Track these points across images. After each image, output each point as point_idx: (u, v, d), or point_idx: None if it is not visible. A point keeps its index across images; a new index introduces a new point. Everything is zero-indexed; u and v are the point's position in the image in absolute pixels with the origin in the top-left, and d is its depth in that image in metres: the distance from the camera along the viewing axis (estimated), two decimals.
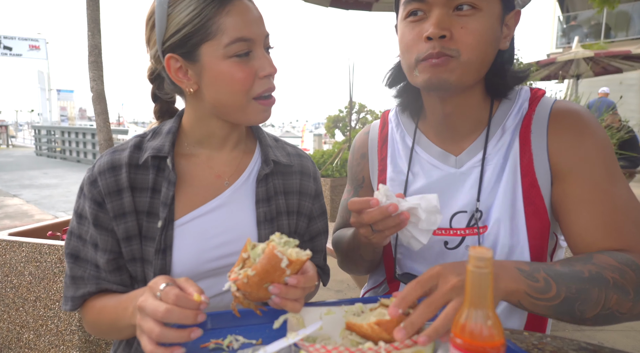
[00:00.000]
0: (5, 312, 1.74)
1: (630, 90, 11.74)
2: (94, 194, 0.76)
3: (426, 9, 0.76)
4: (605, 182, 0.75)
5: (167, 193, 0.77)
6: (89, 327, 0.79)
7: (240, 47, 0.73)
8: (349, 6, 3.64)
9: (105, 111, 2.65)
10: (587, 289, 0.65)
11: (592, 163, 0.76)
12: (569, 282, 0.65)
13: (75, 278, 0.78)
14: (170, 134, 0.81)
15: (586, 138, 0.77)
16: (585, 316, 0.66)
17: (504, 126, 0.84)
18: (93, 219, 0.76)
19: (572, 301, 0.65)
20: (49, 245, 1.66)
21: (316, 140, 13.40)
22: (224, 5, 0.72)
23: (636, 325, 2.45)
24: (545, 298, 0.63)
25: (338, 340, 0.62)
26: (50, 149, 14.92)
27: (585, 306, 0.65)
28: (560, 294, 0.64)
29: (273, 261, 0.59)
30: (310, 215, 0.93)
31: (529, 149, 0.80)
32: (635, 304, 0.66)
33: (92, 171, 0.78)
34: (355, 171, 1.05)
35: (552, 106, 0.81)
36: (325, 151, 4.77)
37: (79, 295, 0.77)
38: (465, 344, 0.43)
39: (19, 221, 5.08)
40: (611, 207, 0.73)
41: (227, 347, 0.62)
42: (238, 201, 0.84)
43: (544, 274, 0.64)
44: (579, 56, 7.30)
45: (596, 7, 7.08)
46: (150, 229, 0.77)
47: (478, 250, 0.43)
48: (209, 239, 0.80)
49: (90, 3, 2.55)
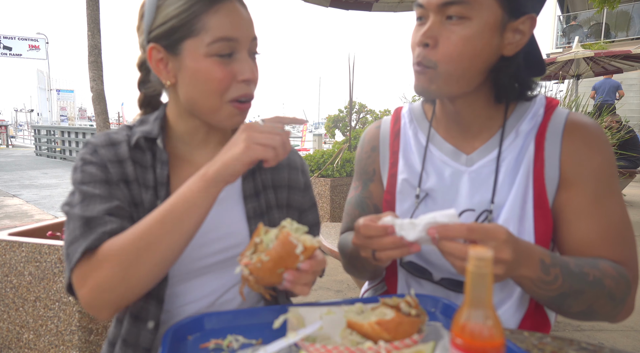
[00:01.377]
0: (5, 312, 1.74)
1: (630, 90, 11.74)
2: (98, 158, 0.75)
3: (425, 15, 0.78)
4: (606, 197, 0.79)
5: (162, 173, 0.78)
6: (107, 268, 0.63)
7: (223, 47, 0.72)
8: (349, 6, 3.64)
9: (105, 111, 2.65)
10: (585, 291, 0.71)
11: (598, 178, 0.79)
12: (573, 282, 0.71)
13: (89, 220, 0.67)
14: (158, 120, 0.82)
15: (598, 152, 0.80)
16: (570, 310, 0.74)
17: (517, 129, 0.85)
18: (105, 177, 0.73)
19: (567, 296, 0.71)
20: (48, 245, 1.65)
21: (316, 140, 13.40)
22: (212, 4, 0.72)
23: (636, 325, 2.45)
24: (546, 288, 0.70)
25: (338, 340, 0.62)
26: (50, 149, 14.92)
27: (574, 303, 0.73)
28: (560, 289, 0.70)
29: (288, 248, 0.62)
30: (301, 208, 0.94)
31: (541, 155, 0.82)
32: (614, 308, 0.75)
33: (89, 145, 0.78)
34: (366, 163, 1.04)
35: (568, 117, 0.83)
36: (325, 151, 4.76)
37: (97, 233, 0.66)
38: (465, 344, 0.43)
39: (19, 221, 5.09)
40: (608, 222, 0.78)
41: (227, 347, 0.63)
42: (225, 198, 0.84)
43: (557, 270, 0.70)
44: (579, 56, 7.29)
45: (596, 7, 7.08)
46: (153, 205, 0.77)
47: (478, 250, 0.43)
48: (201, 235, 0.79)
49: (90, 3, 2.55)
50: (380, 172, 1.00)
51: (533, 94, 0.86)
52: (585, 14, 14.67)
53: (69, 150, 13.56)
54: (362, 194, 1.02)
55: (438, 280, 0.88)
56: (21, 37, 23.55)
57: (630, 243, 0.79)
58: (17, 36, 23.44)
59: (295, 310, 0.69)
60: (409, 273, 0.93)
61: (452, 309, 0.73)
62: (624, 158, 5.65)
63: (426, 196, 0.90)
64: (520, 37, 0.78)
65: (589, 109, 4.10)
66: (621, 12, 13.35)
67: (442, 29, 0.75)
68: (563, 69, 8.27)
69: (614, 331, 2.39)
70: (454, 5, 0.73)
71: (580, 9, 15.27)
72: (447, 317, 0.73)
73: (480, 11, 0.73)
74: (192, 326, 0.68)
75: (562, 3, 15.82)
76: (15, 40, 23.34)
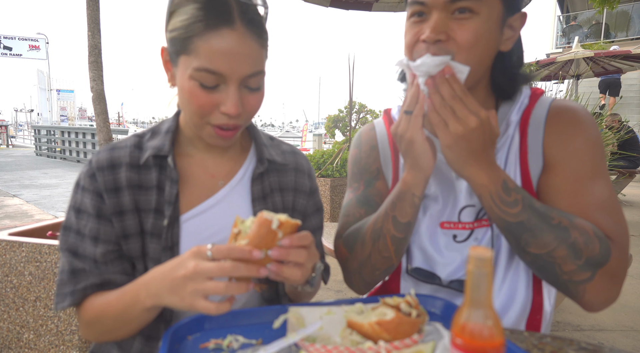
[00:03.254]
0: (5, 312, 1.74)
1: (630, 90, 11.74)
2: (94, 186, 0.76)
3: (427, 11, 0.77)
4: (586, 178, 0.78)
5: (170, 191, 0.78)
6: (87, 329, 0.75)
7: (206, 78, 0.69)
8: (349, 6, 3.64)
9: (105, 111, 2.65)
10: (544, 230, 0.71)
11: (579, 158, 0.78)
12: (533, 216, 0.72)
13: (75, 271, 0.75)
14: (170, 134, 0.82)
15: (579, 133, 0.79)
16: (528, 249, 0.73)
17: (507, 121, 0.86)
18: (96, 211, 0.76)
19: (524, 229, 0.72)
20: (49, 245, 1.65)
21: (316, 140, 13.40)
22: (209, 30, 0.67)
23: (636, 325, 2.45)
24: (504, 210, 0.73)
25: (338, 340, 0.62)
26: (50, 149, 14.92)
27: (532, 241, 0.72)
28: (518, 216, 0.72)
29: (264, 226, 0.60)
30: (305, 212, 0.93)
31: (525, 142, 0.83)
32: (578, 270, 0.71)
33: (90, 165, 0.78)
34: (367, 162, 1.00)
35: (551, 103, 0.84)
36: (325, 151, 4.76)
37: (80, 288, 0.74)
38: (465, 344, 0.44)
39: (19, 221, 5.08)
40: (586, 201, 0.76)
41: (227, 347, 0.62)
42: (234, 200, 0.84)
43: (519, 196, 0.72)
44: (579, 56, 7.29)
45: (596, 7, 7.07)
46: (157, 226, 0.77)
47: (478, 250, 0.43)
48: (208, 237, 0.80)
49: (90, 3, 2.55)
50: (383, 170, 0.99)
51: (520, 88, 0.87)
52: (585, 14, 14.67)
53: (69, 150, 13.55)
54: (367, 192, 0.98)
55: (447, 283, 0.87)
56: (21, 37, 23.54)
57: (617, 219, 0.75)
58: (17, 36, 23.44)
59: (295, 310, 0.69)
60: (418, 280, 0.91)
61: (452, 309, 0.73)
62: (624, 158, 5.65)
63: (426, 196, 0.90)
64: (513, 33, 0.81)
65: (589, 109, 4.10)
66: (621, 12, 13.35)
67: (451, 23, 0.74)
68: (563, 69, 8.27)
69: (613, 331, 2.39)
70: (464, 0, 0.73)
71: (580, 9, 15.27)
72: (447, 317, 0.73)
73: (487, 7, 0.74)
74: (192, 326, 0.68)
75: (562, 3, 15.83)
76: (15, 40, 23.34)
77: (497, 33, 0.78)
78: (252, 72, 0.71)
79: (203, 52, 0.68)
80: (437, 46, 0.75)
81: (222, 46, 0.67)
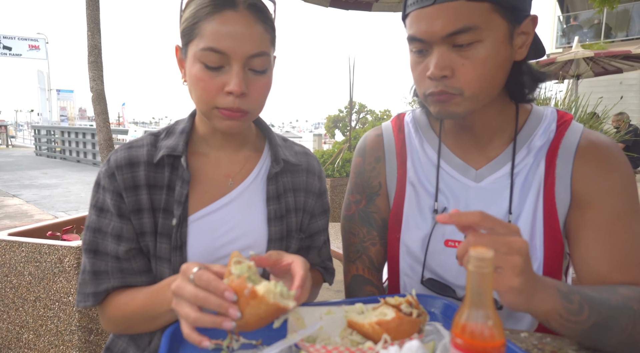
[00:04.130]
0: (5, 312, 1.74)
1: (630, 90, 11.75)
2: (114, 186, 0.77)
3: (427, 48, 0.75)
4: (627, 216, 0.75)
5: (181, 191, 0.79)
6: (112, 323, 0.78)
7: (210, 58, 0.71)
8: (349, 6, 3.64)
9: (105, 111, 2.65)
10: (616, 316, 0.65)
11: (616, 196, 0.77)
12: (599, 308, 0.65)
13: (97, 272, 0.77)
14: (184, 134, 0.83)
15: (613, 171, 0.78)
16: (611, 342, 0.66)
17: (529, 145, 0.83)
18: (117, 210, 0.77)
19: (601, 327, 0.65)
20: (48, 245, 1.65)
21: (316, 140, 13.39)
22: (213, 12, 0.71)
23: None
24: (576, 320, 0.63)
25: (338, 340, 0.62)
26: (50, 149, 14.92)
27: (613, 333, 0.65)
28: (590, 318, 0.64)
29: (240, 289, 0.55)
30: (312, 213, 0.94)
31: (552, 174, 0.81)
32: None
33: (109, 164, 0.79)
34: (369, 176, 0.97)
35: (582, 135, 0.81)
36: (325, 151, 4.77)
37: (101, 289, 0.77)
38: (465, 344, 0.43)
39: (19, 221, 5.08)
40: (629, 241, 0.74)
41: (227, 347, 0.62)
42: (247, 199, 0.85)
43: (578, 297, 0.64)
44: (579, 56, 7.28)
45: (596, 7, 7.08)
46: (166, 226, 0.78)
47: (478, 250, 0.43)
48: (219, 237, 0.81)
49: (90, 3, 2.55)
50: (386, 185, 0.95)
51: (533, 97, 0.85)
52: (585, 14, 14.66)
53: (69, 150, 13.55)
54: (367, 209, 0.96)
55: (461, 297, 0.85)
56: (21, 37, 23.52)
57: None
58: (17, 36, 23.42)
59: (296, 310, 0.69)
60: (432, 291, 0.88)
61: (452, 309, 0.73)
62: None
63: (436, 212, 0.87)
64: (527, 38, 0.77)
65: (589, 109, 4.09)
66: (621, 12, 13.35)
67: (454, 57, 0.72)
68: (563, 69, 8.26)
69: None
70: (463, 34, 0.70)
71: (580, 9, 15.26)
72: (447, 317, 0.73)
73: (489, 31, 0.71)
74: None
75: (562, 3, 15.81)
76: (15, 40, 23.32)
77: (507, 50, 0.74)
78: (256, 52, 0.72)
79: (207, 33, 0.71)
80: (443, 82, 0.73)
81: (225, 26, 0.71)
